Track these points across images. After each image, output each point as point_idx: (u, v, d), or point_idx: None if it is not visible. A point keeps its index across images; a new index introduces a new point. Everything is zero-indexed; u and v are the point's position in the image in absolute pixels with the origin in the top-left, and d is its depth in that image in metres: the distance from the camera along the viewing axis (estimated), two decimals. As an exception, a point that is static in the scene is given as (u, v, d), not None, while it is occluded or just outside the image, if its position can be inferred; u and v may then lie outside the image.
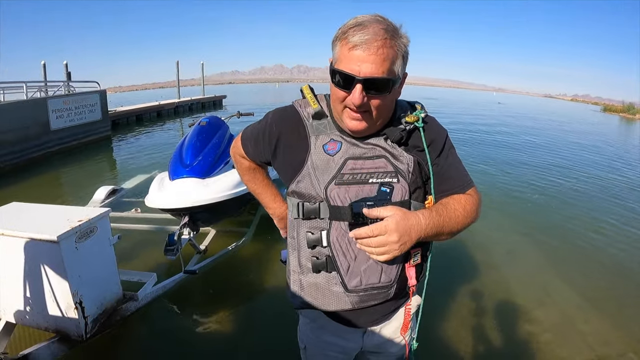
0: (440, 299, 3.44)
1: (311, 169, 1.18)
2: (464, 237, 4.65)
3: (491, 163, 9.61)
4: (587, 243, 5.04)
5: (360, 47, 1.02)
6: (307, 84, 1.30)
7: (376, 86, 1.05)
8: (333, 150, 1.18)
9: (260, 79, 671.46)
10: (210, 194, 3.32)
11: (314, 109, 1.22)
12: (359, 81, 1.02)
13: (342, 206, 1.14)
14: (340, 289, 1.21)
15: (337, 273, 1.20)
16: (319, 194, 1.17)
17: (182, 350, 2.81)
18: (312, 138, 1.21)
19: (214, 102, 23.90)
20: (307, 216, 1.19)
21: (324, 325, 1.39)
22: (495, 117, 24.44)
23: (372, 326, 1.37)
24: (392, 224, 1.05)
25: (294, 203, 1.23)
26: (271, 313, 3.22)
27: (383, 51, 1.02)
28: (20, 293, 2.46)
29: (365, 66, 1.02)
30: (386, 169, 1.16)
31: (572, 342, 3.05)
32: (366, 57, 1.01)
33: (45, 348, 2.42)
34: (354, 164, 1.16)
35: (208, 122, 4.19)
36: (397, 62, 1.06)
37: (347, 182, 1.15)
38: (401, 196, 1.16)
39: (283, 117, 1.29)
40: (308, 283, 1.26)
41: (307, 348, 1.51)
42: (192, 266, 3.60)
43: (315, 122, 1.23)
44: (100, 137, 11.54)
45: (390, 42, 1.03)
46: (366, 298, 1.23)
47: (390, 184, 1.15)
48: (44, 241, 2.27)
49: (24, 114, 8.88)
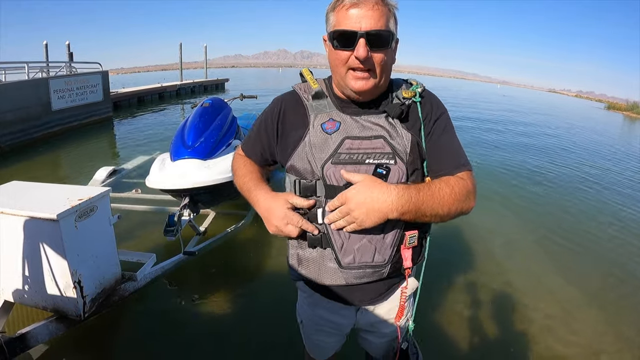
0: (436, 286, 3.44)
1: (308, 146, 1.19)
2: (463, 226, 4.66)
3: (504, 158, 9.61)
4: (587, 238, 5.02)
5: (357, 6, 1.07)
6: (307, 68, 1.35)
7: (378, 39, 1.09)
8: (331, 129, 1.19)
9: (264, 63, 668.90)
10: (212, 175, 3.29)
11: (314, 88, 1.25)
12: (361, 35, 1.06)
13: (337, 186, 1.15)
14: (334, 265, 1.23)
15: (332, 250, 1.22)
16: (315, 172, 1.18)
17: (180, 331, 2.81)
18: (312, 116, 1.22)
19: (217, 85, 23.72)
20: (304, 193, 1.20)
21: (319, 301, 1.42)
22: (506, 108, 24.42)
23: (366, 305, 1.38)
24: (351, 193, 1.07)
25: (291, 180, 1.26)
26: (269, 295, 3.22)
27: (378, 7, 1.07)
28: (19, 272, 2.44)
29: (365, 21, 1.06)
30: (383, 150, 1.16)
31: (566, 335, 3.04)
32: (364, 13, 1.06)
33: (43, 327, 2.41)
34: (351, 144, 1.16)
35: (211, 103, 4.15)
36: (391, 20, 1.11)
37: (344, 161, 1.15)
38: (398, 178, 1.15)
39: (283, 99, 1.33)
40: (305, 257, 1.28)
41: (303, 323, 1.56)
42: (192, 247, 3.59)
43: (315, 102, 1.24)
44: (102, 118, 11.49)
45: (382, 2, 1.09)
46: (360, 275, 1.24)
47: (387, 165, 1.15)
48: (44, 220, 2.25)
49: (26, 94, 8.80)
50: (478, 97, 33.09)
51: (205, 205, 3.90)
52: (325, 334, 1.51)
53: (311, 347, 1.62)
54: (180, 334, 2.77)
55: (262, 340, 2.74)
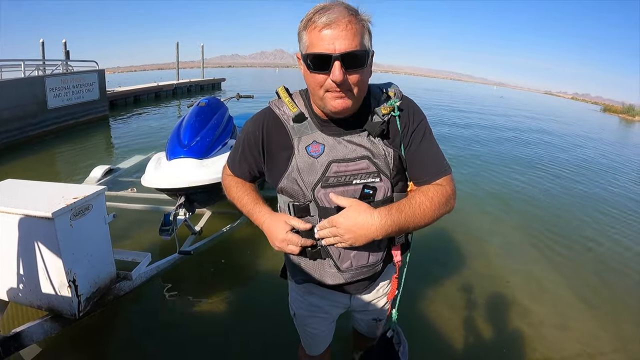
0: (430, 286, 3.47)
1: (296, 171, 1.22)
2: (458, 227, 4.67)
3: (499, 157, 9.61)
4: (584, 239, 5.04)
5: (329, 27, 1.04)
6: (282, 86, 1.33)
7: (354, 60, 1.07)
8: (316, 152, 1.21)
9: (261, 63, 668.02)
10: (208, 174, 3.28)
11: (293, 112, 1.25)
12: (336, 58, 1.04)
13: (329, 207, 1.21)
14: (334, 270, 1.33)
15: (331, 259, 1.31)
16: (306, 194, 1.24)
17: (175, 330, 2.81)
18: (295, 140, 1.24)
19: (213, 85, 23.66)
20: (298, 214, 1.27)
21: (312, 289, 1.52)
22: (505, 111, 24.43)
23: (361, 293, 1.52)
24: (339, 219, 1.15)
25: (285, 201, 1.32)
26: (265, 294, 3.22)
27: (352, 27, 1.05)
28: (13, 270, 2.43)
29: (338, 42, 1.04)
30: (368, 170, 1.21)
31: (562, 335, 3.05)
32: (337, 33, 1.04)
33: (38, 326, 2.40)
34: (337, 167, 1.20)
35: (207, 102, 4.14)
36: (365, 36, 1.10)
37: (333, 184, 1.20)
38: (384, 194, 1.23)
39: (263, 121, 1.31)
40: (306, 266, 1.37)
41: (296, 314, 1.66)
42: (187, 247, 3.59)
43: (296, 125, 1.25)
44: (98, 116, 11.45)
45: (355, 19, 1.07)
46: (357, 274, 1.35)
47: (373, 184, 1.21)
48: (39, 218, 2.24)
49: (21, 92, 8.77)
50: (476, 100, 33.10)
51: (200, 204, 3.89)
52: (319, 319, 1.61)
53: (305, 339, 1.72)
54: (175, 334, 2.77)
55: (258, 339, 2.74)
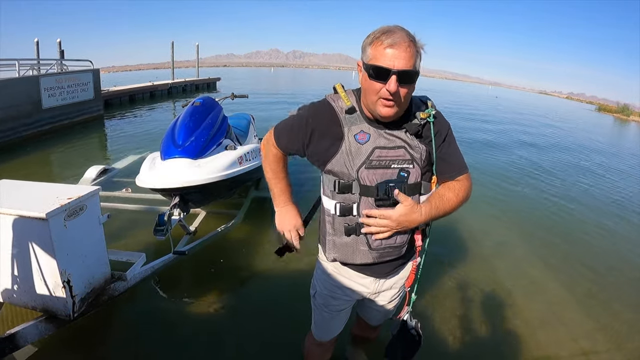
0: (428, 284, 3.48)
1: (345, 154, 1.46)
2: (457, 225, 4.69)
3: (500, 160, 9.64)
4: (579, 238, 5.11)
5: (392, 47, 1.29)
6: (339, 83, 1.57)
7: (407, 77, 1.31)
8: (363, 140, 1.45)
9: (256, 62, 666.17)
10: (202, 174, 3.29)
11: (347, 105, 1.49)
12: (394, 73, 1.29)
13: (370, 186, 1.45)
14: (365, 248, 1.56)
15: (364, 236, 1.53)
16: (351, 174, 1.46)
17: (170, 330, 2.82)
18: (346, 128, 1.47)
19: (208, 84, 23.57)
20: (342, 191, 1.50)
21: (340, 270, 1.74)
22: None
23: (383, 277, 1.74)
24: (396, 215, 1.43)
25: (330, 179, 1.53)
26: (260, 294, 3.22)
27: (410, 50, 1.30)
28: (7, 271, 2.44)
29: (398, 61, 1.28)
30: (404, 157, 1.46)
31: (557, 334, 3.09)
32: (398, 53, 1.29)
33: (33, 327, 2.41)
34: (380, 152, 1.44)
35: (202, 102, 4.13)
36: (418, 59, 1.35)
37: (375, 166, 1.45)
38: (415, 178, 1.49)
39: (318, 112, 1.54)
40: (340, 243, 1.60)
41: (317, 293, 1.88)
42: (182, 247, 3.60)
43: (348, 116, 1.49)
44: (93, 116, 11.38)
45: (413, 44, 1.32)
46: (384, 254, 1.58)
47: (408, 169, 1.47)
48: (33, 218, 2.25)
49: (16, 92, 8.70)
50: (473, 102, 33.17)
51: (195, 204, 3.89)
52: (339, 302, 1.82)
53: (319, 322, 1.96)
54: (170, 334, 2.78)
55: (254, 339, 2.75)
